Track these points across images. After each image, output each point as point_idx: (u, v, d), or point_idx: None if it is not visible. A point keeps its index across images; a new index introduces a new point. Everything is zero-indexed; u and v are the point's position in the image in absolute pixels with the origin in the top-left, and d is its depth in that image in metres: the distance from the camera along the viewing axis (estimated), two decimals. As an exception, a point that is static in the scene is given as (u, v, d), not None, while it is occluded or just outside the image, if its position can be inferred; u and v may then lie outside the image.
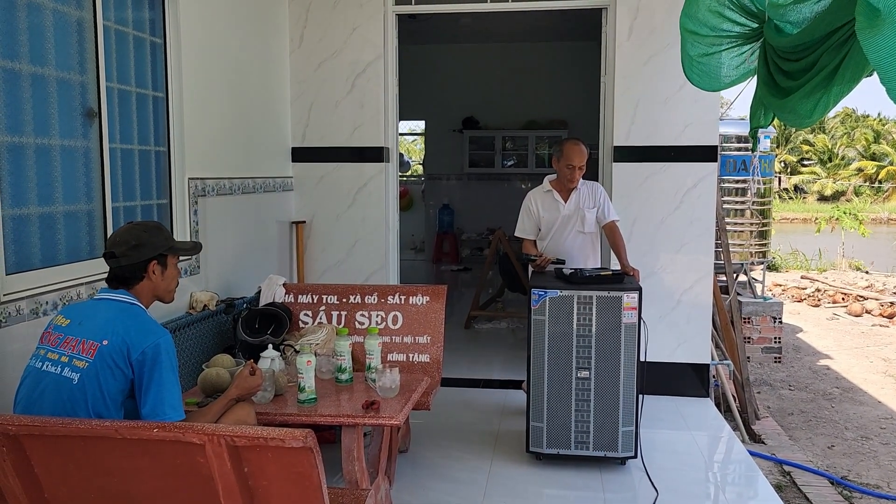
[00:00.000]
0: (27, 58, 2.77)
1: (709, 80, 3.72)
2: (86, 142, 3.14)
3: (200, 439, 1.90)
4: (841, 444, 5.42)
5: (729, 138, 7.23)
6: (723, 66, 3.63)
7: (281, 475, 1.94)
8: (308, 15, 5.22)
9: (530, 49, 10.07)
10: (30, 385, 2.26)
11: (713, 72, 3.70)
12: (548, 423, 3.73)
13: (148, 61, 3.62)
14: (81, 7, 3.09)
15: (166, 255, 2.45)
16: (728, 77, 3.64)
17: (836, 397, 6.56)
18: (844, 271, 13.32)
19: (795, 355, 7.97)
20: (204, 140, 4.01)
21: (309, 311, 4.12)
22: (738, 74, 3.59)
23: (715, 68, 3.69)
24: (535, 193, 4.37)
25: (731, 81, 3.63)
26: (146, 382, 2.24)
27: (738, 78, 3.60)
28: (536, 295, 3.69)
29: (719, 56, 3.63)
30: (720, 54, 3.61)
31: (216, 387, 2.95)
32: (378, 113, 5.24)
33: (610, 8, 4.98)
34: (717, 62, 3.66)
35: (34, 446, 2.05)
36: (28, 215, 2.80)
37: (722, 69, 3.63)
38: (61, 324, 2.30)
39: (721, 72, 3.67)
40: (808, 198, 33.19)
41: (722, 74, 3.67)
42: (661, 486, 3.53)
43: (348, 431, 2.88)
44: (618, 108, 4.95)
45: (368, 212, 5.31)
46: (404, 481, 3.61)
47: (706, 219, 4.93)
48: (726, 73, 3.63)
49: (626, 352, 3.65)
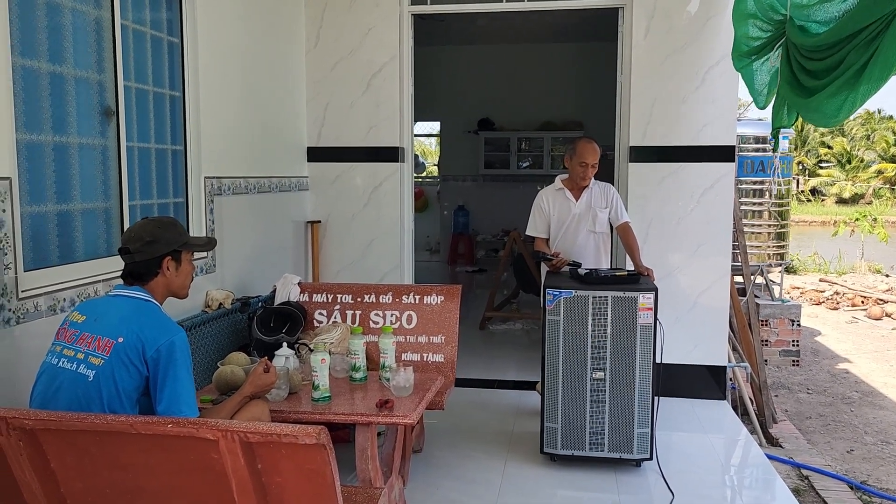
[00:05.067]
0: (46, 56, 2.80)
1: (758, 97, 3.74)
2: (103, 140, 3.16)
3: (214, 435, 1.90)
4: (860, 448, 5.34)
5: (746, 139, 7.17)
6: (757, 74, 3.63)
7: (295, 472, 1.94)
8: (324, 15, 5.23)
9: (546, 50, 10.03)
10: (46, 381, 2.27)
11: (756, 85, 3.71)
12: (562, 423, 3.71)
13: (165, 60, 3.64)
14: (100, 6, 3.11)
15: (180, 250, 2.46)
16: (764, 85, 3.65)
17: (855, 401, 6.47)
18: (864, 274, 13.15)
19: (814, 358, 7.87)
20: (220, 139, 4.03)
21: (324, 311, 4.12)
22: (769, 78, 3.58)
23: (754, 79, 3.70)
24: (546, 192, 4.35)
25: (768, 90, 3.64)
26: (161, 380, 2.25)
27: (771, 82, 3.59)
28: (551, 295, 3.67)
29: (753, 66, 3.64)
30: (753, 64, 3.61)
31: (231, 384, 2.96)
32: (393, 113, 5.24)
33: (626, 7, 4.95)
34: (753, 71, 3.67)
35: (50, 441, 2.05)
36: (46, 212, 2.83)
37: (758, 77, 3.63)
38: (77, 320, 2.31)
39: (759, 80, 3.67)
40: (826, 200, 32.81)
41: (759, 84, 3.68)
42: (677, 489, 3.50)
43: (362, 430, 2.88)
44: (634, 108, 4.92)
45: (383, 212, 5.31)
46: (418, 481, 3.60)
47: (723, 220, 4.88)
48: (762, 81, 3.64)
49: (642, 353, 3.61)
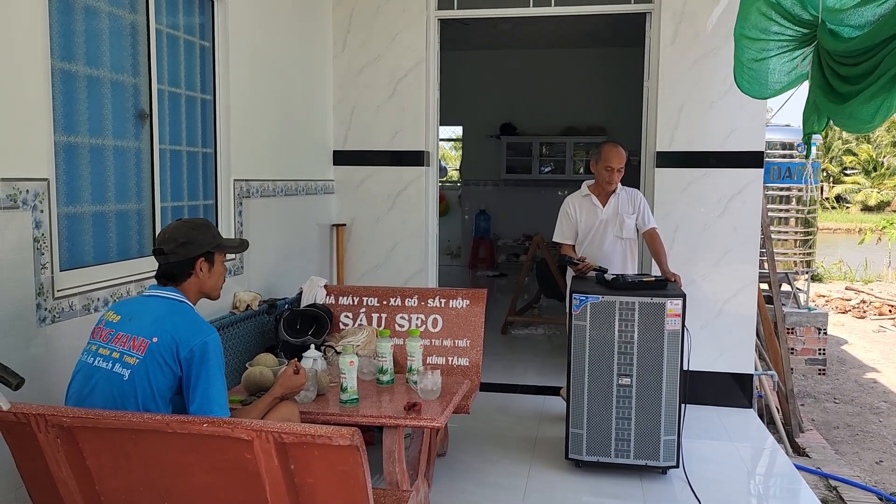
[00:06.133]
0: (83, 60, 2.84)
1: (758, 87, 3.66)
2: (137, 142, 3.21)
3: (249, 435, 1.92)
4: (890, 459, 5.26)
5: (773, 145, 7.09)
6: (773, 72, 3.57)
7: (327, 473, 1.95)
8: (351, 20, 5.27)
9: (569, 55, 10.02)
10: (81, 380, 2.31)
11: (762, 78, 3.64)
12: (588, 429, 3.69)
13: (197, 64, 3.69)
14: (135, 11, 3.16)
15: (214, 252, 2.49)
16: (778, 83, 3.58)
17: (883, 411, 6.37)
18: (891, 283, 12.96)
19: (840, 367, 7.76)
20: (249, 142, 4.07)
21: (349, 313, 4.14)
22: (788, 80, 3.53)
23: (764, 74, 3.63)
24: (573, 198, 4.34)
25: (781, 88, 3.57)
26: (194, 380, 2.27)
27: (789, 84, 3.53)
28: (577, 300, 3.66)
29: (769, 62, 3.57)
30: (770, 59, 3.55)
31: (260, 385, 2.99)
32: (419, 117, 5.26)
33: (654, 12, 4.93)
34: (767, 68, 3.60)
35: (87, 438, 2.09)
36: (81, 213, 2.87)
37: (772, 75, 3.57)
38: (112, 320, 2.34)
39: (770, 78, 3.60)
40: (850, 208, 32.37)
41: (771, 81, 3.60)
42: (704, 497, 3.47)
43: (390, 433, 2.89)
44: (661, 113, 4.89)
45: (408, 215, 5.32)
46: (442, 484, 3.60)
47: (751, 226, 4.84)
48: (776, 80, 3.57)
49: (669, 359, 3.59)
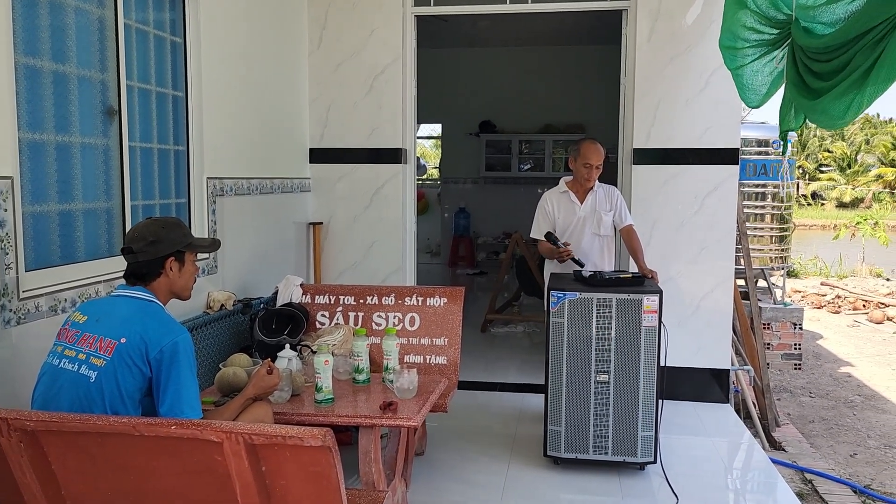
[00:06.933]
0: (49, 55, 2.78)
1: (751, 94, 3.71)
2: (106, 140, 3.15)
3: (218, 437, 1.88)
4: (864, 452, 5.32)
5: (749, 142, 7.15)
6: (756, 74, 3.61)
7: (299, 474, 1.92)
8: (327, 16, 5.22)
9: (547, 53, 10.03)
10: (47, 382, 2.25)
11: (750, 84, 3.69)
12: (566, 426, 3.68)
13: (168, 60, 3.62)
14: (103, 6, 3.09)
15: (184, 251, 2.44)
16: (763, 85, 3.62)
17: (857, 405, 6.45)
18: (864, 278, 13.14)
19: (816, 362, 7.85)
20: (223, 140, 4.01)
21: (326, 312, 4.10)
22: (771, 80, 3.57)
23: (750, 79, 3.68)
24: (551, 194, 4.33)
25: (767, 90, 3.62)
26: (164, 381, 2.23)
27: (773, 84, 3.57)
28: (555, 297, 3.65)
29: (752, 65, 3.62)
30: (753, 63, 3.59)
31: (233, 386, 2.94)
32: (396, 114, 5.22)
33: (630, 10, 4.94)
34: (750, 72, 3.65)
35: (52, 442, 2.04)
36: (47, 212, 2.81)
37: (756, 77, 3.61)
38: (79, 321, 2.29)
39: (756, 81, 3.65)
40: (826, 205, 32.81)
41: (757, 84, 3.65)
42: (681, 492, 3.48)
43: (365, 432, 2.86)
44: (638, 111, 4.90)
45: (385, 213, 5.29)
46: (420, 484, 3.58)
47: (727, 223, 4.86)
48: (761, 81, 3.61)
49: (646, 356, 3.59)
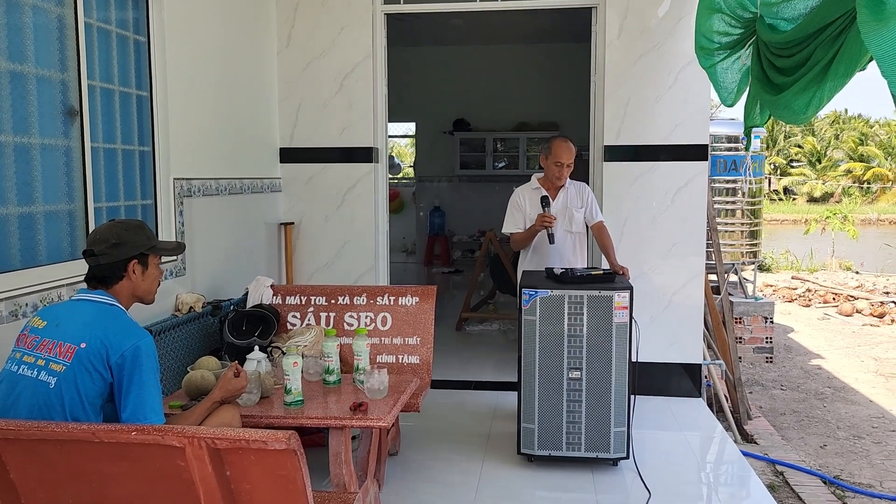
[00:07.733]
0: (5, 55, 2.71)
1: (725, 93, 3.74)
2: (67, 141, 3.08)
3: (180, 442, 1.85)
4: (833, 443, 5.40)
5: (719, 138, 7.23)
6: (725, 72, 3.65)
7: (264, 478, 1.89)
8: (296, 14, 5.17)
9: (521, 51, 10.05)
10: (5, 389, 2.20)
11: (723, 81, 3.72)
12: (539, 424, 3.69)
13: (132, 60, 3.56)
14: (62, 4, 3.03)
15: (147, 254, 2.40)
16: (733, 82, 3.67)
17: (827, 397, 6.55)
18: (834, 271, 13.36)
19: (787, 355, 7.96)
20: (190, 140, 3.95)
21: (297, 313, 4.07)
22: (740, 77, 3.60)
23: (722, 76, 3.72)
24: (523, 190, 4.32)
25: (737, 87, 3.65)
26: (126, 386, 2.18)
27: (742, 81, 3.60)
28: (527, 295, 3.65)
29: (723, 63, 3.65)
30: (723, 62, 3.63)
31: (201, 389, 2.90)
32: (367, 113, 5.19)
33: (599, 7, 4.96)
34: (723, 69, 3.68)
35: (10, 450, 1.99)
36: (7, 215, 2.74)
37: (726, 75, 3.64)
38: (38, 326, 2.24)
39: (726, 78, 3.68)
40: (797, 199, 33.32)
41: (728, 81, 3.69)
42: (654, 487, 3.50)
43: (336, 434, 2.83)
44: (608, 108, 4.92)
45: (358, 213, 5.26)
46: (394, 484, 3.56)
47: (697, 218, 4.91)
48: (731, 79, 3.66)
49: (618, 352, 3.61)
